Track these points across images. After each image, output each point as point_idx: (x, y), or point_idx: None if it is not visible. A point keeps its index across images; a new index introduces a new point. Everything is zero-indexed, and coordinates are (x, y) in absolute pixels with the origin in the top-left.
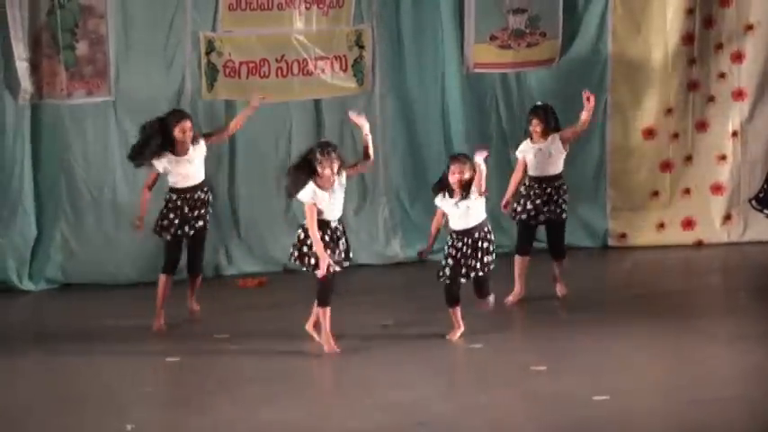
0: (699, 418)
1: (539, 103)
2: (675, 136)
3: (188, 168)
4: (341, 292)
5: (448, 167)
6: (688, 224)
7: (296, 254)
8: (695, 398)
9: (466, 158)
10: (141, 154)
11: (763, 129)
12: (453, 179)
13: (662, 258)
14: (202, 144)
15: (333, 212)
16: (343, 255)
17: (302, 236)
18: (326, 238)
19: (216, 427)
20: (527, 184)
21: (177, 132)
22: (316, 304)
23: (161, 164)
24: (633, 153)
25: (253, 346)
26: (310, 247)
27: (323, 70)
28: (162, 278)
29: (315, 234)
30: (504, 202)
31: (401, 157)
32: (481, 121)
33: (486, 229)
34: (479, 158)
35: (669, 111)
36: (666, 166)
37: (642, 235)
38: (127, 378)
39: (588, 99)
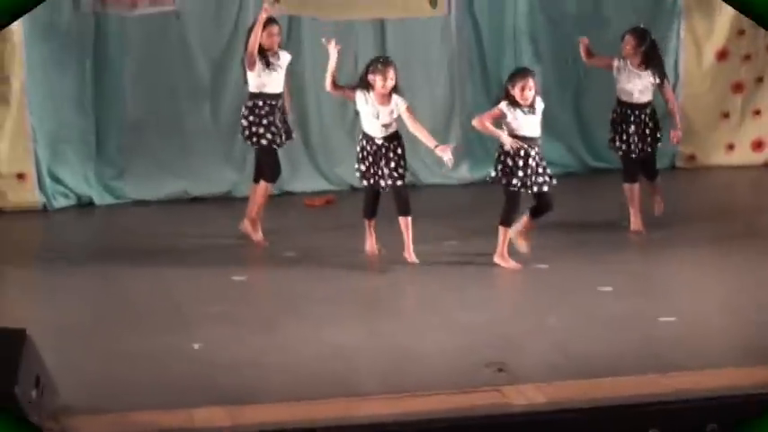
0: (767, 341)
1: (641, 25)
2: (747, 57)
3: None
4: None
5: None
6: (758, 145)
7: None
8: (764, 320)
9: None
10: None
11: None
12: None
13: (731, 179)
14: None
15: (373, 129)
16: (386, 174)
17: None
18: (368, 149)
19: (282, 346)
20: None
21: (265, 37)
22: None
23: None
24: (705, 75)
25: (320, 265)
26: (368, 161)
27: None
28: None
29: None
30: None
31: (474, 79)
32: (554, 43)
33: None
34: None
35: (741, 32)
36: (738, 87)
37: (711, 156)
38: (193, 297)
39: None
